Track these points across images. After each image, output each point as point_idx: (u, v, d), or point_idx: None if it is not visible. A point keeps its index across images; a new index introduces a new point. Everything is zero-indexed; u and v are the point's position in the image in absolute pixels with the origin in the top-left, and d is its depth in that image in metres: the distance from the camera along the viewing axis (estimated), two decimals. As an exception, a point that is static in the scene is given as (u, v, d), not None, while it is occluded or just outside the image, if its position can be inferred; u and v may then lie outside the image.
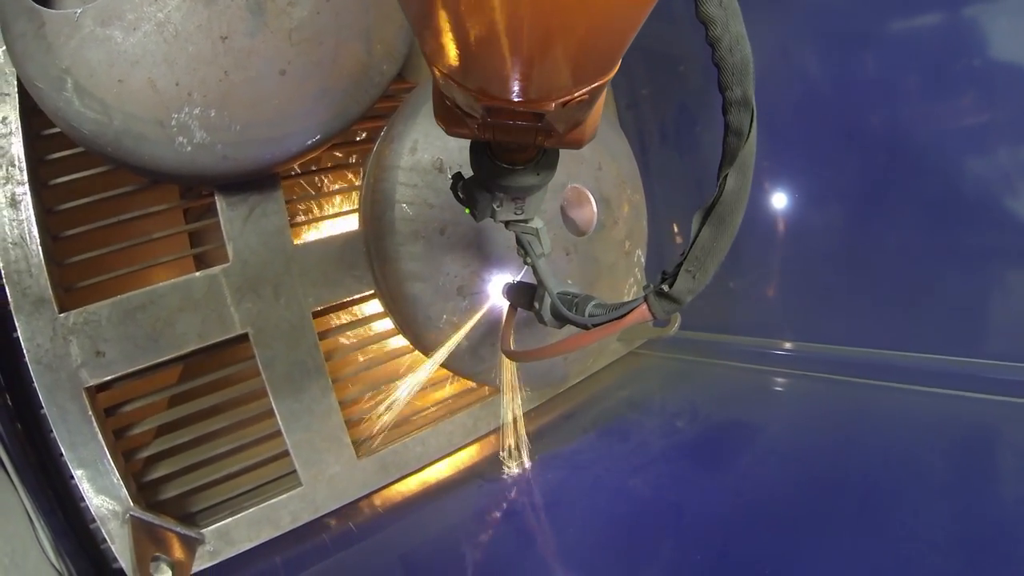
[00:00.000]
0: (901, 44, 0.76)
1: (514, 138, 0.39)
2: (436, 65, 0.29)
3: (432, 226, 0.73)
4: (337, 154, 0.84)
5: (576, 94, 0.29)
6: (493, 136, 0.39)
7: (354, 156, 0.85)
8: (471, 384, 0.91)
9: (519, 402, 0.81)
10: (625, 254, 0.92)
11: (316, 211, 0.84)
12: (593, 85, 0.29)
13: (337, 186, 0.85)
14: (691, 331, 1.07)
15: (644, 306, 0.45)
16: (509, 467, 0.80)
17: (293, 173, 0.79)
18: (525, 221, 0.55)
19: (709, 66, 0.36)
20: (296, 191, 0.82)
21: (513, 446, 0.81)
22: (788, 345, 0.95)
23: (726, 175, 0.39)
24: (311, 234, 0.84)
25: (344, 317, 0.85)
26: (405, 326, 0.79)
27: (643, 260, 0.96)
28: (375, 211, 0.73)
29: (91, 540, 0.74)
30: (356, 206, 0.83)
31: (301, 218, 0.82)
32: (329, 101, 0.67)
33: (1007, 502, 0.58)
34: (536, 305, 0.60)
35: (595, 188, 0.84)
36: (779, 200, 0.92)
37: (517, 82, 0.27)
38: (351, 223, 0.82)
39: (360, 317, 0.85)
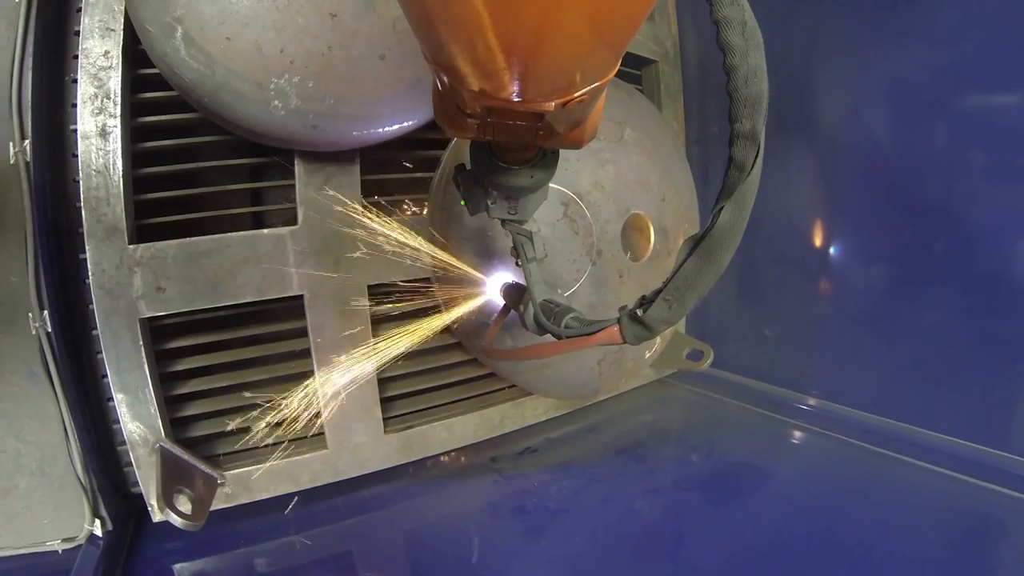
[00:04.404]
0: (972, 121, 0.77)
1: (514, 138, 0.39)
2: (437, 65, 0.29)
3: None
4: (417, 141, 0.85)
5: (576, 95, 0.29)
6: (494, 136, 0.38)
7: (433, 146, 0.86)
8: (504, 383, 0.94)
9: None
10: (674, 285, 0.93)
11: (388, 192, 0.85)
12: (593, 85, 0.29)
13: (412, 173, 0.86)
14: (721, 370, 1.09)
15: (616, 327, 0.45)
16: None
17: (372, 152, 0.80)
18: (520, 222, 0.55)
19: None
20: (372, 170, 0.83)
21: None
22: (812, 401, 0.96)
23: (721, 208, 0.38)
24: (379, 213, 0.85)
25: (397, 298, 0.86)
26: (463, 333, 0.81)
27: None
28: (446, 202, 0.74)
29: (116, 461, 0.77)
30: (427, 194, 0.84)
31: (372, 195, 0.84)
32: (422, 90, 0.68)
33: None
34: (521, 308, 0.60)
35: (656, 217, 0.85)
36: (827, 256, 0.92)
37: (517, 83, 0.27)
38: (419, 208, 0.84)
39: (413, 300, 0.86)
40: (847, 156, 0.90)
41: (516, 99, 0.29)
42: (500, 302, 0.70)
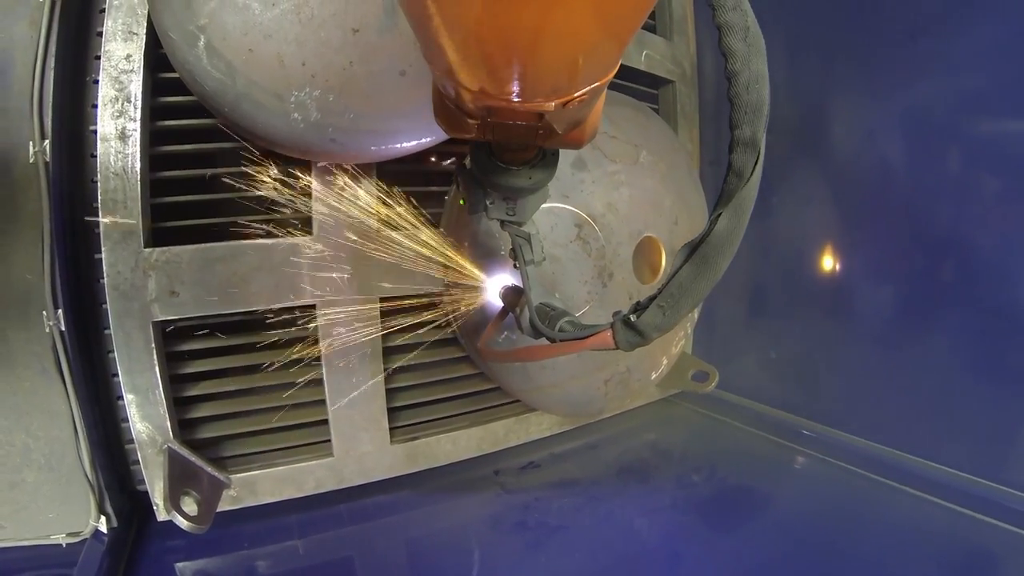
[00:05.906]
0: (985, 148, 0.77)
1: (514, 138, 0.38)
2: (437, 66, 0.29)
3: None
4: (432, 158, 0.86)
5: (577, 94, 0.29)
6: (493, 136, 0.38)
7: (448, 163, 0.86)
8: (510, 398, 0.94)
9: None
10: (682, 308, 0.93)
11: (403, 204, 0.85)
12: (593, 85, 0.29)
13: (427, 186, 0.86)
14: (726, 392, 1.09)
15: (609, 332, 0.45)
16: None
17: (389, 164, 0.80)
18: (518, 224, 0.55)
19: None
20: (388, 181, 0.84)
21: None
22: (816, 427, 0.96)
23: (719, 214, 0.37)
24: (393, 224, 0.85)
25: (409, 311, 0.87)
26: (463, 332, 0.81)
27: (696, 316, 0.97)
28: (460, 219, 0.75)
29: (123, 458, 0.78)
30: (442, 207, 0.84)
31: (387, 208, 0.84)
32: (441, 107, 0.68)
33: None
34: (518, 311, 0.60)
35: (667, 240, 0.86)
36: (835, 281, 0.93)
37: (517, 82, 0.27)
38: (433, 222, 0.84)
39: (424, 316, 0.86)
40: (860, 182, 0.90)
41: (516, 99, 0.28)
42: (500, 304, 0.70)
